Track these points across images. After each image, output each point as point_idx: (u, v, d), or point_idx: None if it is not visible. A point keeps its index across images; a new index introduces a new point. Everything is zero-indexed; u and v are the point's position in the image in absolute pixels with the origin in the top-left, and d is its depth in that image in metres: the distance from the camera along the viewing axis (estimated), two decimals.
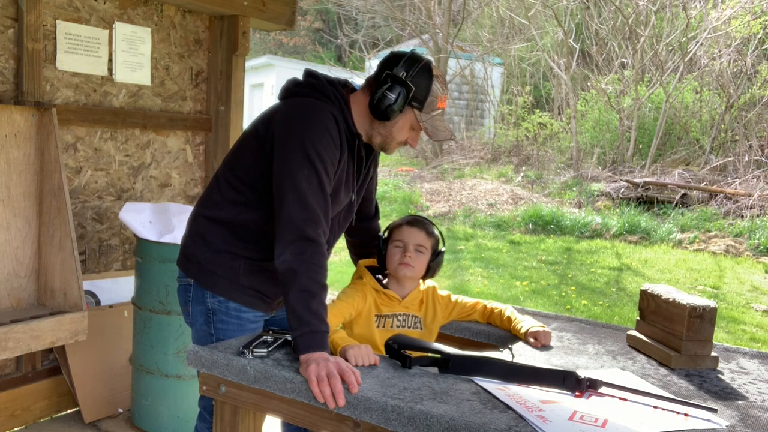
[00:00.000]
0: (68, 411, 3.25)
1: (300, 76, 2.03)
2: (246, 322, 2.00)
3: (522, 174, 12.02)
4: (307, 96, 1.92)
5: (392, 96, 1.86)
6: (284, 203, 1.77)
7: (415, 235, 2.12)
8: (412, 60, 1.89)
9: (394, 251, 2.11)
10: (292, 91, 1.97)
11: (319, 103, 1.89)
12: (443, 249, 2.20)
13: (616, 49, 13.56)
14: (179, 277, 2.09)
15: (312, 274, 1.71)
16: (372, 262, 2.22)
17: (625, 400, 1.60)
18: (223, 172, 2.02)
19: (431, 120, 1.91)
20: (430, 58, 2.55)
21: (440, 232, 2.21)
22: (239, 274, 1.96)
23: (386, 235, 2.17)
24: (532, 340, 2.02)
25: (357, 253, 2.35)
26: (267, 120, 1.93)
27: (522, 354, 1.91)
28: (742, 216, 8.80)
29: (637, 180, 10.16)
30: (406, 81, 1.86)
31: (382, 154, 2.15)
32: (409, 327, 2.17)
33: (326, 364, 1.57)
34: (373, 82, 1.93)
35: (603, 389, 1.63)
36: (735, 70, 12.26)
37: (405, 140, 1.98)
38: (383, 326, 2.12)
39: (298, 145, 1.79)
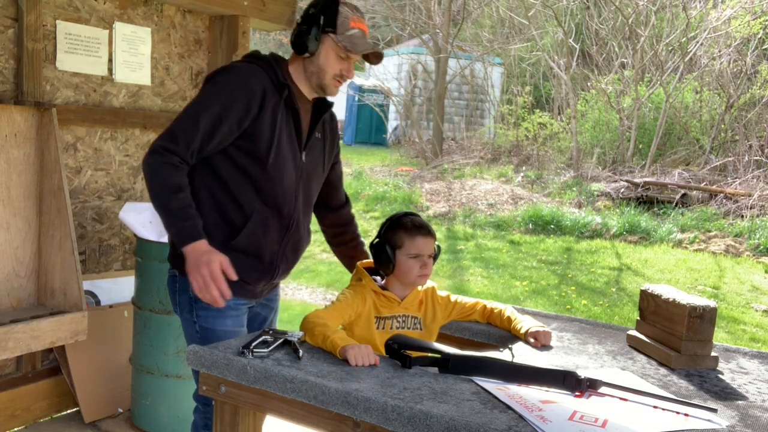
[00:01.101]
0: (68, 411, 3.25)
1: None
2: (227, 309, 2.02)
3: (522, 174, 12.01)
4: (235, 62, 2.08)
5: (305, 27, 2.00)
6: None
7: (429, 245, 2.12)
8: None
9: (412, 264, 2.09)
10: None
11: (244, 63, 2.04)
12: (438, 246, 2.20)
13: (616, 49, 13.55)
14: (168, 268, 2.14)
15: (161, 180, 1.89)
16: (369, 263, 2.21)
17: (625, 400, 1.60)
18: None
19: (348, 39, 2.01)
20: (430, 58, 2.64)
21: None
22: None
23: (391, 239, 2.11)
24: (532, 340, 2.02)
25: (333, 240, 2.43)
26: None
27: (522, 354, 1.91)
28: (742, 216, 8.80)
29: (637, 180, 10.15)
30: (315, 13, 2.00)
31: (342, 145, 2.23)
32: (408, 328, 2.16)
33: (197, 264, 1.84)
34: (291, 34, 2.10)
35: (603, 389, 1.63)
36: (735, 70, 12.26)
37: (339, 72, 2.05)
38: (383, 328, 2.12)
39: (202, 94, 1.98)
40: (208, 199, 2.01)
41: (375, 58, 2.08)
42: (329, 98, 2.17)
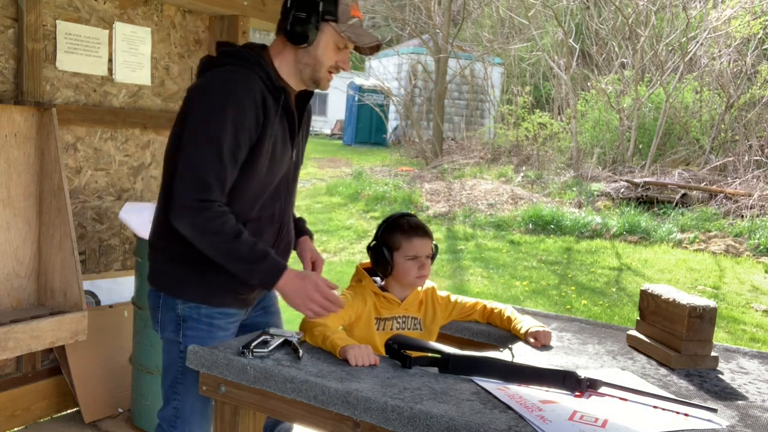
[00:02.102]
0: (68, 411, 3.25)
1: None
2: (217, 329, 1.94)
3: (522, 174, 12.01)
4: (223, 65, 1.86)
5: (303, 14, 1.81)
6: (180, 167, 1.77)
7: (427, 246, 2.11)
8: None
9: (410, 265, 2.08)
10: (207, 65, 1.91)
11: (236, 71, 1.82)
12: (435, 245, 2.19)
13: (616, 49, 13.55)
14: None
15: (218, 235, 1.74)
16: (369, 264, 2.21)
17: (625, 400, 1.60)
18: (167, 165, 1.96)
19: (351, 28, 1.85)
20: (430, 58, 2.55)
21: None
22: (210, 274, 1.88)
23: (388, 241, 2.10)
24: (532, 340, 2.02)
25: None
26: (186, 98, 1.88)
27: (522, 354, 1.91)
28: (742, 216, 8.80)
29: (637, 180, 10.15)
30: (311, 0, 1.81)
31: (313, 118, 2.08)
32: (408, 329, 2.16)
33: (305, 295, 1.77)
34: (282, 19, 1.88)
35: (603, 389, 1.63)
36: (735, 70, 12.26)
37: (335, 63, 1.89)
38: (383, 329, 2.12)
39: (206, 122, 1.76)
40: None
41: (371, 50, 1.90)
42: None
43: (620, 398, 1.60)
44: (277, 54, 1.90)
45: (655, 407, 1.56)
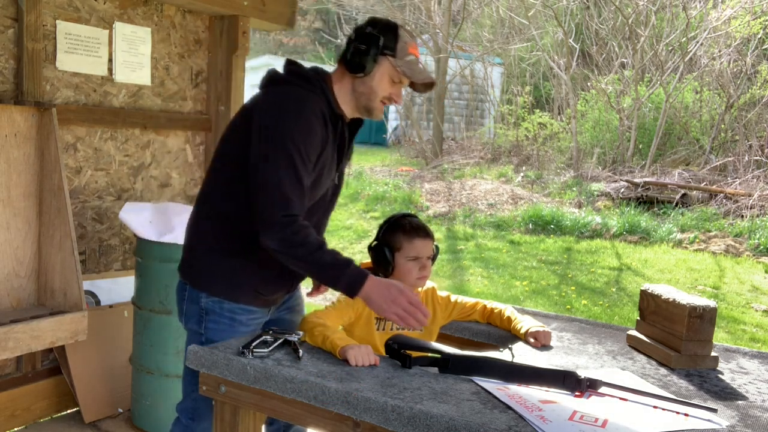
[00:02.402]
0: (68, 411, 3.25)
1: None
2: (238, 324, 1.99)
3: (522, 174, 12.01)
4: (290, 83, 1.95)
5: (363, 46, 1.93)
6: (260, 186, 1.83)
7: (428, 247, 2.11)
8: (376, 19, 2.00)
9: (411, 266, 2.08)
10: (274, 79, 2.00)
11: (303, 92, 1.92)
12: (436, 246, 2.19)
13: (616, 49, 13.54)
14: (179, 277, 2.10)
15: (304, 246, 1.81)
16: (369, 264, 2.21)
17: (625, 400, 1.60)
18: (212, 168, 2.05)
19: (407, 64, 1.95)
20: (430, 58, 2.58)
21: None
22: (235, 272, 1.96)
23: (389, 241, 2.10)
24: (532, 340, 2.02)
25: None
26: (250, 109, 1.95)
27: (522, 354, 1.91)
28: (742, 216, 8.80)
29: (637, 180, 10.15)
30: (374, 33, 1.93)
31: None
32: (408, 329, 2.16)
33: (390, 300, 1.80)
34: (344, 50, 1.99)
35: (603, 389, 1.63)
36: (735, 70, 12.25)
37: (389, 95, 1.99)
38: (383, 329, 2.12)
39: (280, 137, 1.83)
40: (243, 212, 1.92)
41: (425, 87, 2.02)
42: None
43: (620, 398, 1.60)
44: (336, 81, 2.00)
45: (655, 407, 1.56)
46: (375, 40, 1.92)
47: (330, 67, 2.22)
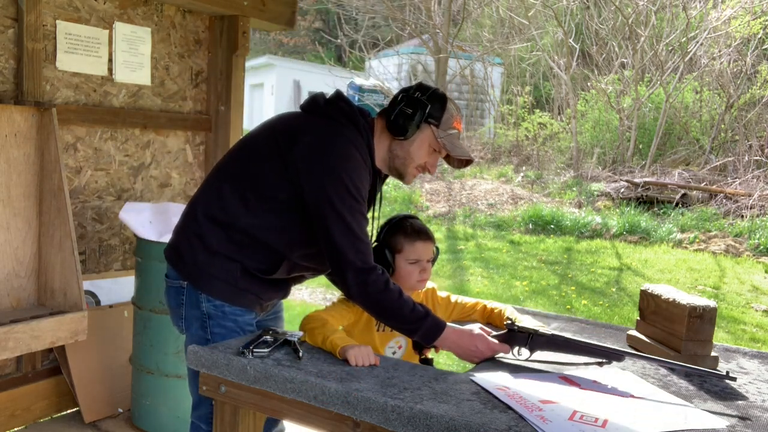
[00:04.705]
0: (68, 411, 3.25)
1: (323, 92, 2.04)
2: (243, 325, 1.98)
3: (522, 174, 12.02)
4: (339, 123, 1.92)
5: (409, 111, 1.91)
6: (333, 236, 1.83)
7: (429, 250, 2.12)
8: (425, 85, 1.97)
9: (411, 269, 2.09)
10: (322, 110, 1.97)
11: (353, 135, 1.91)
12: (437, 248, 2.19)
13: (616, 49, 13.55)
14: (169, 277, 2.05)
15: (384, 299, 1.83)
16: None
17: (632, 396, 1.60)
18: (229, 174, 1.99)
19: (449, 137, 1.94)
20: (430, 58, 2.57)
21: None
22: (237, 278, 1.94)
23: (390, 243, 2.10)
24: None
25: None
26: (292, 135, 1.91)
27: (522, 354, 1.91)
28: (742, 216, 8.80)
29: (637, 180, 10.16)
30: (422, 99, 1.91)
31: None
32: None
33: (470, 351, 1.86)
34: (388, 107, 1.97)
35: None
36: (735, 70, 12.26)
37: (424, 163, 1.98)
38: (383, 329, 2.12)
39: (337, 177, 1.83)
40: (263, 236, 1.92)
41: (459, 163, 2.01)
42: None
43: (624, 395, 1.61)
44: (376, 134, 1.99)
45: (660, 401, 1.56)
46: (422, 107, 1.91)
47: (330, 67, 2.20)
